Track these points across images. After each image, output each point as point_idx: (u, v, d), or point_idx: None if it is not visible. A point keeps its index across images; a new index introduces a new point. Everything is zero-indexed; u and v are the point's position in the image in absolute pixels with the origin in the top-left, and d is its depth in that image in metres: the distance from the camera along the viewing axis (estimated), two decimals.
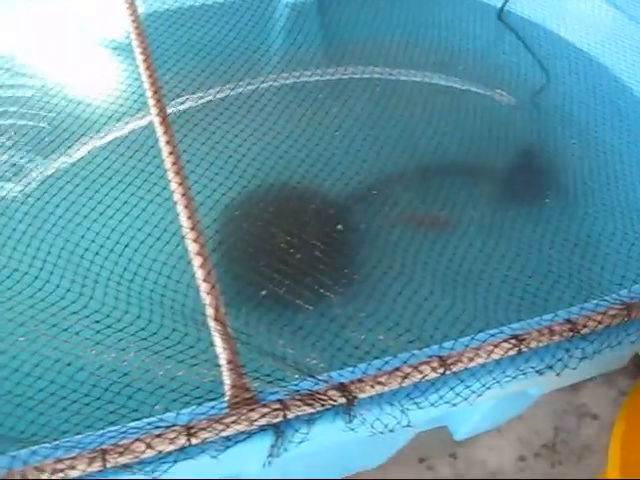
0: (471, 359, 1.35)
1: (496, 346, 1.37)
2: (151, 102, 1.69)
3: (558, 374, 1.41)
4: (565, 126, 2.24)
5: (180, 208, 1.50)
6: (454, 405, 1.36)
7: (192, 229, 1.47)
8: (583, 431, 2.17)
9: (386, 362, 1.32)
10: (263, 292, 1.69)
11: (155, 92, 1.70)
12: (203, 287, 1.40)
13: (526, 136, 2.26)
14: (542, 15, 2.62)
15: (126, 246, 1.57)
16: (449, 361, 1.34)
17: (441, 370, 1.33)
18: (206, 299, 1.38)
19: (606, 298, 1.50)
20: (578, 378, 1.75)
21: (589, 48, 2.51)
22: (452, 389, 1.34)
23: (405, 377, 1.30)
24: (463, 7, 2.63)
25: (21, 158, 1.93)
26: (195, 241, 1.45)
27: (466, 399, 1.36)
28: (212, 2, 2.45)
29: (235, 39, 2.23)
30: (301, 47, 2.41)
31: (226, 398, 1.26)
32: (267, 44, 2.39)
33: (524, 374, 1.39)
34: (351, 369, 1.31)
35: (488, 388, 1.37)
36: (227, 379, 1.29)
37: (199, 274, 1.42)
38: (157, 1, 2.31)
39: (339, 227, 1.90)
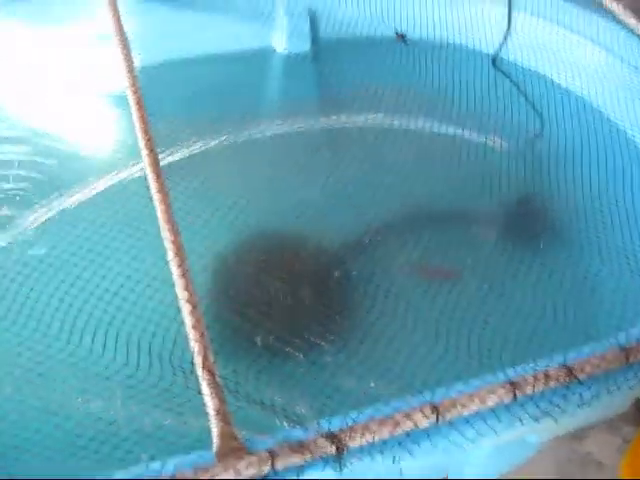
0: (465, 406, 1.33)
1: (490, 392, 1.34)
2: (144, 152, 1.70)
3: (556, 420, 1.38)
4: (559, 170, 2.24)
5: (171, 255, 1.50)
6: (448, 453, 1.32)
7: (182, 276, 1.46)
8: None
9: (377, 410, 1.30)
10: (256, 339, 1.66)
11: (148, 141, 1.71)
12: (192, 335, 1.39)
13: (521, 182, 2.26)
14: (536, 61, 2.65)
15: (115, 294, 1.57)
16: (442, 408, 1.31)
17: (434, 417, 1.30)
18: (195, 347, 1.37)
19: (603, 342, 1.48)
20: (577, 425, 1.71)
21: (582, 92, 2.53)
22: (446, 437, 1.32)
23: (397, 425, 1.28)
24: (457, 55, 2.67)
25: (12, 207, 1.94)
26: (185, 289, 1.44)
27: (460, 447, 1.33)
28: (207, 54, 2.49)
29: (230, 89, 2.26)
30: (295, 96, 2.44)
31: (214, 447, 1.24)
32: (262, 94, 2.42)
33: (520, 421, 1.36)
34: (341, 417, 1.28)
35: (483, 436, 1.34)
36: (215, 428, 1.27)
37: (188, 321, 1.41)
38: (153, 54, 2.34)
39: (336, 274, 1.88)
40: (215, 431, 1.26)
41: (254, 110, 2.28)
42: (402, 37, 2.74)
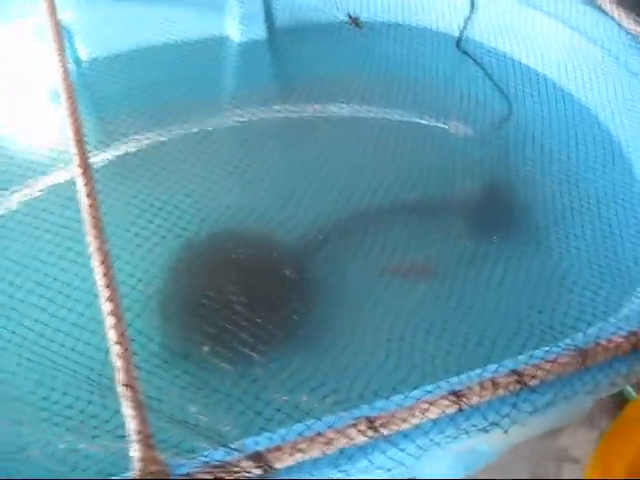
0: (404, 420, 1.25)
1: (432, 404, 1.26)
2: (73, 152, 1.61)
3: (506, 431, 1.30)
4: (526, 156, 2.13)
5: (95, 264, 1.41)
6: (388, 470, 1.25)
7: (106, 287, 1.38)
8: (565, 476, 2.03)
9: (308, 426, 1.22)
10: (183, 351, 1.58)
11: (78, 141, 1.62)
12: (115, 349, 1.31)
13: (487, 168, 2.16)
14: (502, 42, 2.53)
15: (34, 305, 1.48)
16: (378, 423, 1.23)
17: (370, 433, 1.22)
18: (117, 362, 1.29)
19: (558, 344, 1.39)
20: (535, 432, 1.63)
21: (550, 73, 2.42)
22: (384, 453, 1.24)
23: (329, 443, 1.20)
24: (419, 37, 2.55)
25: None
26: (109, 300, 1.36)
27: (401, 463, 1.25)
28: (156, 44, 2.39)
29: (180, 81, 2.17)
30: (250, 86, 2.35)
31: (133, 472, 1.17)
32: (214, 84, 2.32)
33: (466, 433, 1.28)
34: (269, 435, 1.21)
35: (425, 450, 1.26)
36: (135, 451, 1.19)
37: (111, 335, 1.33)
38: (101, 46, 2.25)
39: (272, 279, 1.77)
40: (136, 454, 1.19)
41: (206, 101, 2.18)
42: (355, 21, 2.63)
